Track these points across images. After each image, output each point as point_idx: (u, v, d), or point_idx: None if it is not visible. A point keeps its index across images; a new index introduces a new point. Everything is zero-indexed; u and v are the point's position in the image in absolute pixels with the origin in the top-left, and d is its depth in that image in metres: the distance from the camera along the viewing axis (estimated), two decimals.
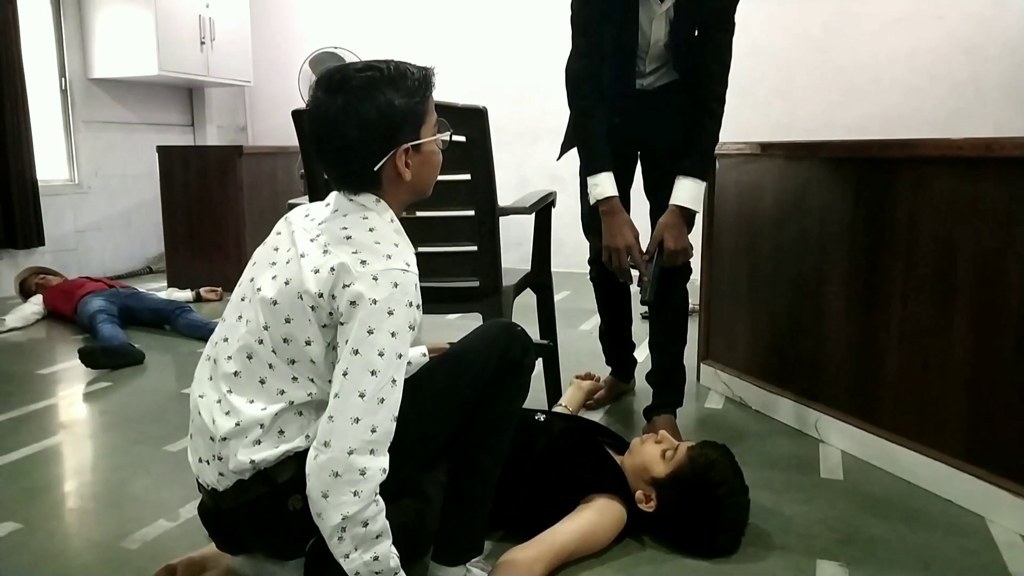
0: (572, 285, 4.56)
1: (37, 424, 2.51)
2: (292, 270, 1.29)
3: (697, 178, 2.07)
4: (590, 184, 2.14)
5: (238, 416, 1.28)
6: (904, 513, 1.87)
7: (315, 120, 1.32)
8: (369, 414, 1.20)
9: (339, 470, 1.19)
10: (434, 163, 1.40)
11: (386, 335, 1.22)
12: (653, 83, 2.24)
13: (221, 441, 1.28)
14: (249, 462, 1.26)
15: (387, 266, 1.24)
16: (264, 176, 4.88)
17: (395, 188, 1.36)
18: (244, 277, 1.41)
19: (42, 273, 4.22)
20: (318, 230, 1.32)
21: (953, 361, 1.92)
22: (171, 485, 2.02)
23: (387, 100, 1.28)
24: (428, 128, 1.36)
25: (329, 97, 1.29)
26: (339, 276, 1.23)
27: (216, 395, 1.32)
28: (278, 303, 1.28)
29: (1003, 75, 4.39)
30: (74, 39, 4.98)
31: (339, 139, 1.30)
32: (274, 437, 1.27)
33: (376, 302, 1.21)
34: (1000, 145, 1.74)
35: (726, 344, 2.78)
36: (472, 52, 5.62)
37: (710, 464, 1.70)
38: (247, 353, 1.30)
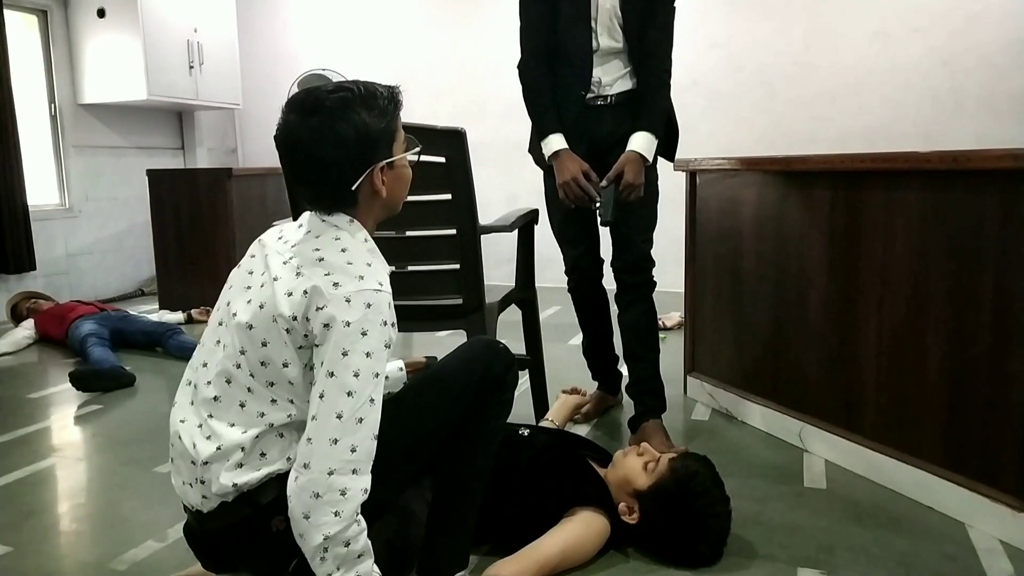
0: (561, 300, 4.57)
1: (28, 448, 2.52)
2: (266, 293, 1.30)
3: (650, 133, 2.26)
4: (543, 147, 2.33)
5: (219, 440, 1.29)
6: (886, 521, 1.90)
7: (289, 142, 1.33)
8: (348, 434, 1.21)
9: (320, 491, 1.20)
10: (405, 179, 1.43)
11: (361, 356, 1.23)
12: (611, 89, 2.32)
13: (203, 465, 1.29)
14: (232, 485, 1.28)
15: (360, 287, 1.25)
16: (254, 197, 4.91)
17: (370, 205, 1.38)
18: (221, 301, 1.43)
19: (33, 298, 4.24)
20: (291, 252, 1.33)
21: (929, 370, 1.96)
22: (160, 506, 2.04)
23: (361, 120, 1.30)
24: (399, 145, 1.38)
25: (303, 119, 1.30)
26: (312, 299, 1.25)
27: (197, 420, 1.34)
28: (254, 327, 1.29)
29: (981, 87, 4.46)
30: (63, 65, 5.02)
31: (315, 160, 1.30)
32: (256, 459, 1.29)
33: (349, 324, 1.23)
34: (967, 158, 1.78)
35: (711, 356, 2.81)
36: (459, 71, 5.68)
37: (691, 475, 1.72)
38: (226, 378, 1.31)
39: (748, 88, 4.99)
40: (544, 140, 2.34)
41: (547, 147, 2.33)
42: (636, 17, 2.27)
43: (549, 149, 2.32)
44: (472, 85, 5.63)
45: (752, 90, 4.98)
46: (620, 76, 2.33)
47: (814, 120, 4.84)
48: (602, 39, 2.30)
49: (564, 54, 2.34)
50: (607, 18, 2.28)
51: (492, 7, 5.44)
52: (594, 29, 2.29)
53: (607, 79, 2.33)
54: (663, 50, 2.29)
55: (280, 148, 1.36)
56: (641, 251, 2.37)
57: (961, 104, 4.51)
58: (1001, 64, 4.40)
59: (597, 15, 2.28)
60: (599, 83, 2.33)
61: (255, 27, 6.12)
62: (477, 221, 2.01)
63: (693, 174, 2.80)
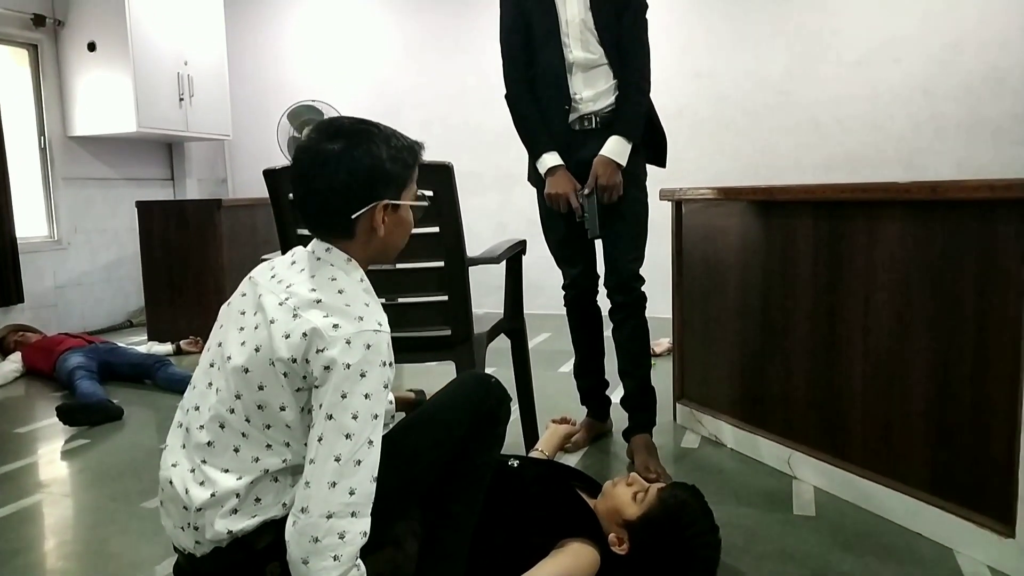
0: (552, 327, 4.61)
1: (15, 484, 2.50)
2: (262, 336, 1.29)
3: (624, 138, 2.34)
4: (538, 167, 2.42)
5: (213, 487, 1.28)
6: (875, 548, 1.91)
7: (306, 158, 1.34)
8: (346, 477, 1.20)
9: (318, 535, 1.18)
10: (406, 227, 1.44)
11: (359, 398, 1.22)
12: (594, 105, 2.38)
13: (196, 511, 1.28)
14: (227, 532, 1.27)
15: (359, 328, 1.25)
16: (244, 228, 4.92)
17: (365, 242, 1.38)
18: (212, 341, 1.42)
19: (21, 330, 4.22)
20: (286, 293, 1.31)
21: (913, 396, 1.98)
22: (148, 543, 2.03)
23: (378, 154, 1.33)
24: (409, 194, 1.41)
25: (326, 140, 1.33)
26: (312, 341, 1.24)
27: (189, 464, 1.33)
28: (250, 371, 1.28)
29: (961, 114, 4.54)
30: (53, 98, 5.04)
31: (326, 181, 1.32)
32: (251, 506, 1.28)
33: (349, 366, 1.22)
34: (945, 188, 1.82)
35: (700, 383, 2.83)
36: (447, 100, 5.74)
37: (680, 505, 1.73)
38: (219, 423, 1.30)
39: (732, 117, 5.06)
40: (538, 160, 2.42)
41: (542, 166, 2.41)
42: (609, 29, 2.35)
43: (544, 167, 2.40)
44: (461, 114, 5.69)
45: (736, 119, 5.05)
46: (603, 90, 2.39)
47: (797, 148, 4.91)
48: (576, 52, 2.37)
49: (541, 72, 2.42)
50: (578, 31, 2.36)
51: (480, 37, 5.51)
52: (565, 44, 2.37)
53: (589, 93, 2.39)
54: (637, 58, 2.37)
55: (294, 165, 1.37)
56: (628, 270, 2.43)
57: (941, 131, 4.59)
58: (979, 91, 4.49)
59: (568, 29, 2.36)
60: (581, 98, 2.39)
61: (245, 59, 6.17)
62: (465, 254, 2.03)
63: (679, 203, 2.84)
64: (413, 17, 5.81)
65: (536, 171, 2.46)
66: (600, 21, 2.34)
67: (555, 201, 2.38)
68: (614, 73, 2.38)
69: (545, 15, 2.38)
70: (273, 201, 2.11)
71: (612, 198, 2.35)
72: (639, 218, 2.45)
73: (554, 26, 2.37)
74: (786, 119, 4.94)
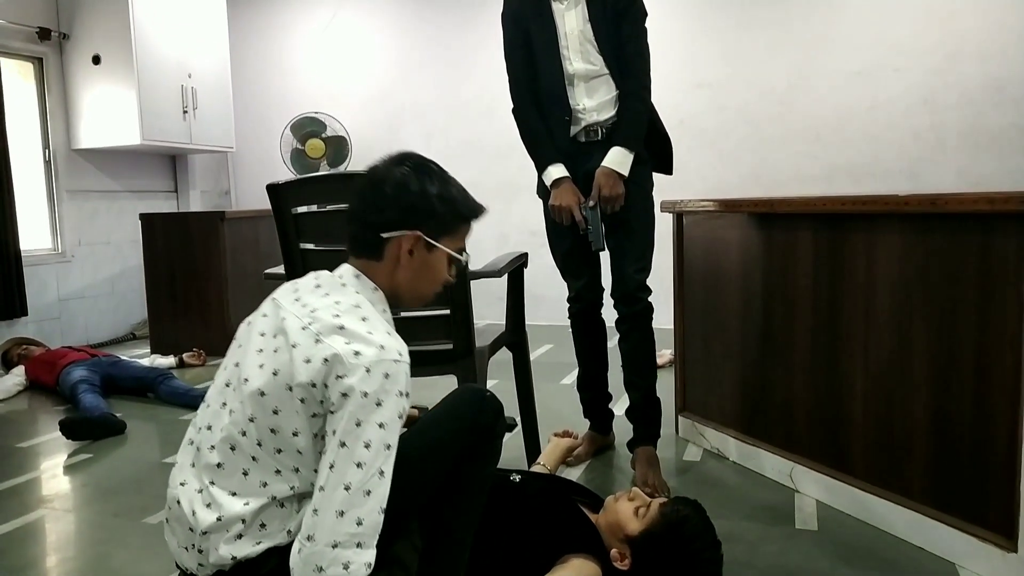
0: (553, 339, 4.61)
1: (17, 500, 2.50)
2: (281, 360, 1.29)
3: (626, 148, 2.35)
4: (544, 179, 2.43)
5: (220, 510, 1.28)
6: (877, 563, 1.90)
7: (369, 173, 1.44)
8: (355, 507, 1.19)
9: (323, 564, 1.18)
10: (433, 273, 1.46)
11: (374, 427, 1.22)
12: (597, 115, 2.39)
13: (202, 535, 1.28)
14: (231, 558, 1.27)
15: (380, 356, 1.25)
16: (247, 240, 4.94)
17: (391, 271, 1.41)
18: (228, 360, 1.42)
19: (24, 344, 4.23)
20: (310, 318, 1.31)
21: (915, 409, 1.97)
22: (150, 559, 2.03)
23: (431, 189, 1.40)
24: (450, 242, 1.44)
25: (393, 163, 1.42)
26: (332, 367, 1.23)
27: (198, 484, 1.33)
28: (266, 394, 1.28)
29: (962, 124, 4.54)
30: (58, 111, 5.07)
31: (376, 191, 1.40)
32: (255, 532, 1.28)
33: (367, 395, 1.22)
34: (944, 201, 1.82)
35: (702, 396, 2.83)
36: (449, 112, 5.76)
37: (682, 520, 1.72)
38: (230, 444, 1.30)
39: (733, 127, 5.07)
40: (544, 172, 2.43)
41: (547, 178, 2.42)
42: (609, 39, 2.36)
43: (549, 179, 2.41)
44: (462, 126, 5.71)
45: (737, 129, 5.06)
46: (606, 100, 2.40)
47: (799, 158, 4.92)
48: (576, 63, 2.38)
49: (544, 86, 2.43)
50: (578, 43, 2.38)
51: (481, 50, 5.54)
52: (565, 55, 2.39)
53: (591, 104, 2.40)
54: (637, 67, 2.38)
55: (359, 178, 1.46)
56: (635, 281, 2.43)
57: (942, 141, 4.59)
58: (980, 101, 4.50)
59: (567, 42, 2.38)
60: (584, 109, 2.40)
61: (248, 71, 6.20)
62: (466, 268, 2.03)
63: (680, 215, 2.84)
64: (415, 30, 5.84)
65: (543, 184, 2.47)
66: (599, 32, 2.35)
67: (559, 213, 2.39)
68: (616, 83, 2.39)
69: (544, 29, 2.40)
70: (276, 215, 2.12)
71: (615, 208, 2.36)
72: (646, 229, 2.46)
73: (553, 39, 2.39)
74: (787, 129, 4.95)
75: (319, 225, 2.09)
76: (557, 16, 2.39)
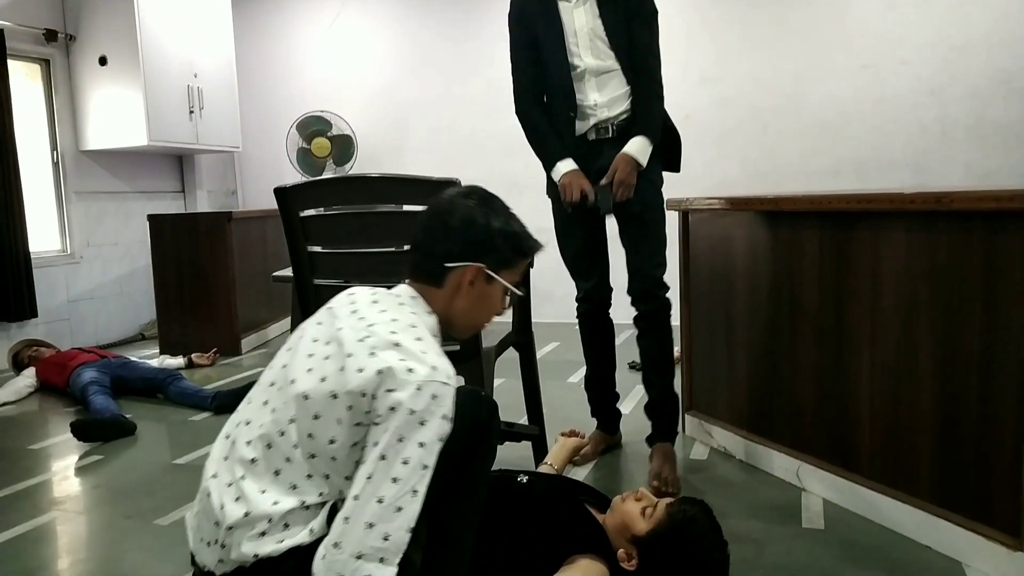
0: (560, 336, 4.61)
1: (30, 502, 2.53)
2: (331, 368, 1.32)
3: (645, 137, 2.36)
4: (553, 175, 2.43)
5: (248, 505, 1.29)
6: (883, 561, 1.90)
7: (437, 203, 1.50)
8: (384, 521, 1.22)
9: (345, 573, 1.20)
10: (489, 306, 1.52)
11: (414, 445, 1.24)
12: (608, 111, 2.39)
13: (227, 530, 1.30)
14: (253, 555, 1.28)
15: (431, 377, 1.28)
16: (254, 240, 4.96)
17: (449, 299, 1.47)
18: (276, 362, 1.45)
19: (34, 346, 4.26)
20: (367, 331, 1.34)
21: (921, 408, 1.97)
22: (162, 560, 2.04)
23: (495, 225, 1.47)
24: (507, 276, 1.51)
25: (461, 196, 1.50)
26: (384, 380, 1.26)
27: (228, 478, 1.35)
28: (310, 398, 1.30)
29: (968, 116, 4.52)
30: (65, 113, 5.10)
31: (443, 222, 1.46)
32: (279, 531, 1.29)
33: (413, 412, 1.25)
34: (949, 199, 1.81)
35: (709, 395, 2.83)
36: (453, 110, 5.76)
37: (689, 520, 1.73)
38: (267, 442, 1.32)
39: (739, 122, 5.05)
40: (553, 169, 2.43)
41: (556, 173, 2.42)
42: (619, 35, 2.36)
43: (559, 173, 2.41)
44: (467, 123, 5.71)
45: (743, 124, 5.05)
46: (617, 96, 2.40)
47: (805, 152, 4.90)
48: (586, 59, 2.38)
49: (550, 82, 2.44)
50: (587, 40, 2.37)
51: (486, 47, 5.53)
52: (574, 52, 2.38)
53: (602, 99, 2.40)
54: (652, 66, 2.39)
55: (426, 209, 1.53)
56: (652, 277, 2.44)
57: (949, 133, 4.57)
58: (987, 94, 4.47)
59: (576, 38, 2.38)
60: (595, 104, 2.39)
61: (254, 71, 6.21)
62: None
63: (685, 213, 2.84)
64: (419, 27, 5.83)
65: (552, 182, 2.47)
66: (610, 28, 2.35)
67: (568, 189, 2.37)
68: (627, 79, 2.39)
69: (550, 27, 2.40)
70: (284, 218, 2.12)
71: (626, 195, 2.35)
72: (659, 224, 2.46)
73: (559, 37, 2.38)
74: (793, 123, 4.94)
75: (326, 228, 2.10)
76: (564, 14, 2.39)
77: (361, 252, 2.11)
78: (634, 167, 2.33)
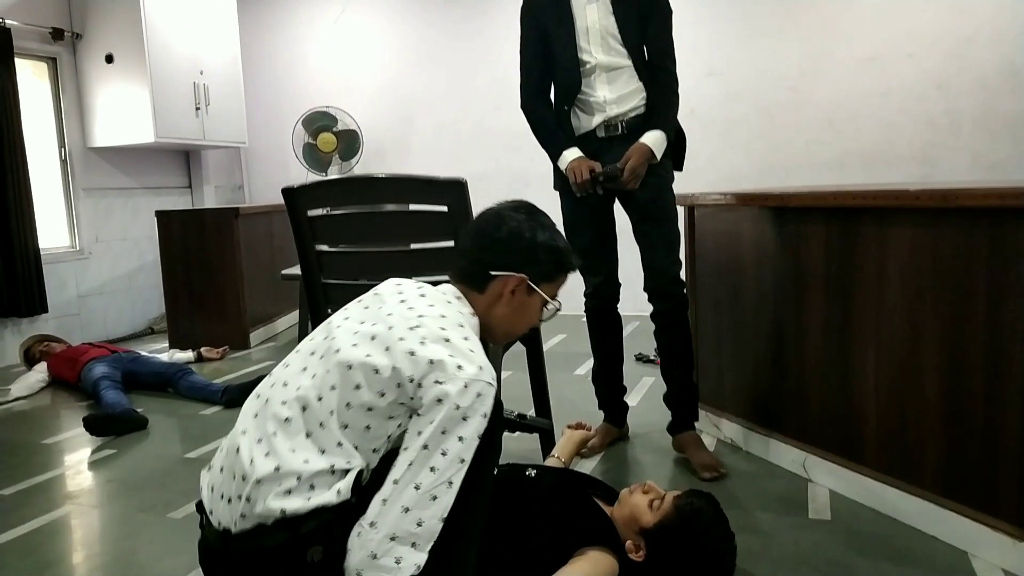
0: (566, 328, 4.63)
1: (44, 496, 2.56)
2: (377, 347, 1.36)
3: (663, 131, 2.37)
4: (560, 165, 2.44)
5: (278, 460, 1.32)
6: (890, 551, 1.92)
7: (487, 213, 1.58)
8: (419, 508, 1.27)
9: (377, 553, 1.26)
10: (528, 315, 1.58)
11: (455, 439, 1.30)
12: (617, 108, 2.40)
13: (255, 483, 1.31)
14: (279, 511, 1.29)
15: (477, 376, 1.33)
16: (261, 234, 4.99)
17: (490, 305, 1.53)
18: (317, 335, 1.49)
19: (46, 341, 4.30)
20: (417, 322, 1.39)
21: (927, 400, 1.99)
22: (176, 554, 2.07)
23: (540, 239, 1.54)
24: (547, 288, 1.58)
25: (510, 209, 1.57)
26: (435, 371, 1.31)
27: (259, 434, 1.37)
28: (353, 368, 1.35)
29: (976, 108, 4.51)
30: (73, 110, 5.13)
31: (491, 233, 1.53)
32: (305, 491, 1.31)
33: (459, 407, 1.30)
34: (955, 196, 1.82)
35: (715, 387, 2.85)
36: (460, 104, 5.77)
37: (696, 512, 1.75)
38: (303, 404, 1.36)
39: (745, 115, 5.05)
40: (560, 159, 2.44)
41: (563, 162, 2.42)
42: (633, 33, 2.36)
43: (565, 162, 2.41)
44: (472, 117, 5.72)
45: (749, 117, 5.05)
46: (628, 92, 2.40)
47: (811, 145, 4.90)
48: (597, 55, 2.39)
49: (558, 78, 2.45)
50: (599, 36, 2.38)
51: (491, 41, 5.55)
52: (584, 48, 2.39)
53: (612, 95, 2.40)
54: (668, 65, 2.41)
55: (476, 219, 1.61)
56: (669, 274, 2.46)
57: (956, 126, 4.57)
58: (994, 85, 4.46)
59: (587, 35, 2.38)
60: (604, 100, 2.40)
61: (259, 67, 6.23)
62: None
63: (691, 208, 2.85)
64: (424, 22, 5.84)
65: (560, 176, 2.48)
66: (624, 26, 2.36)
67: (577, 170, 2.36)
68: (639, 76, 2.40)
69: (561, 23, 2.40)
70: (292, 218, 2.15)
71: (634, 185, 2.36)
72: (673, 221, 2.48)
73: (571, 33, 2.39)
74: (799, 116, 4.93)
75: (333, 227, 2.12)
76: (576, 9, 2.39)
77: (368, 251, 2.13)
78: (648, 158, 2.35)
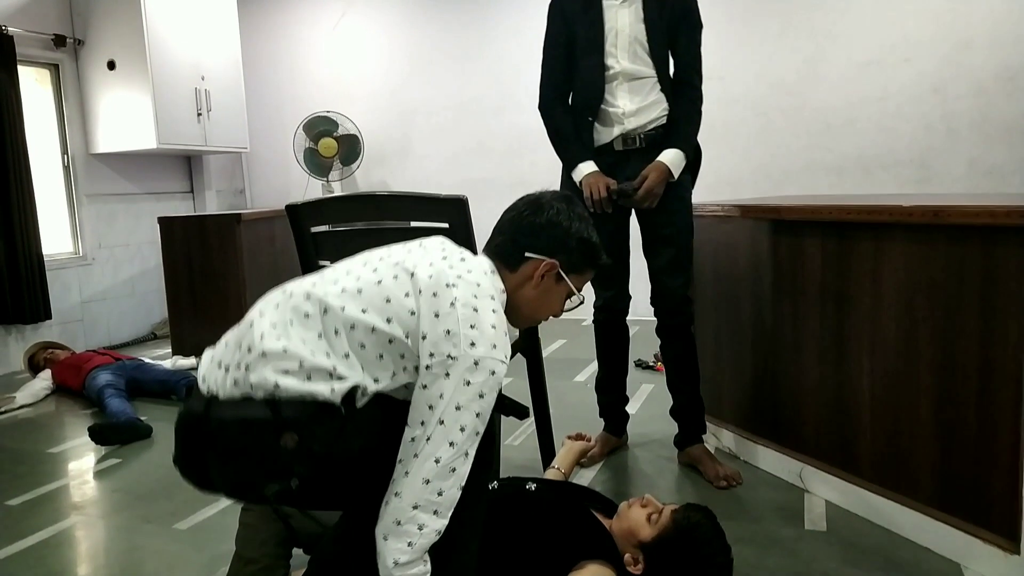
0: (568, 334, 4.66)
1: (50, 506, 2.60)
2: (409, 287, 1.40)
3: (681, 151, 2.37)
4: (574, 177, 2.41)
5: (288, 343, 1.36)
6: (884, 563, 1.95)
7: (528, 200, 1.60)
8: (440, 479, 1.35)
9: (401, 520, 1.34)
10: (552, 301, 1.60)
11: (471, 414, 1.36)
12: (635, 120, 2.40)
13: (259, 356, 1.35)
14: (273, 384, 1.33)
15: (490, 354, 1.37)
16: (263, 240, 5.02)
17: (519, 285, 1.55)
18: (349, 263, 1.51)
19: (50, 348, 4.33)
20: (456, 280, 1.41)
21: (920, 413, 2.02)
22: (182, 565, 2.10)
23: (575, 229, 1.56)
24: (575, 280, 1.60)
25: (551, 198, 1.59)
26: (449, 342, 1.35)
27: (276, 318, 1.40)
28: (382, 283, 1.40)
29: (972, 113, 4.53)
30: (75, 116, 5.16)
31: (531, 215, 1.55)
32: (303, 377, 1.34)
33: (470, 383, 1.35)
34: (947, 213, 1.85)
35: (713, 396, 2.87)
36: (460, 110, 5.79)
37: (693, 526, 1.78)
38: (323, 307, 1.39)
39: (744, 119, 5.08)
40: (574, 171, 2.42)
41: (578, 175, 2.41)
42: (661, 42, 2.35)
43: (580, 175, 2.40)
44: (473, 122, 5.74)
45: (748, 121, 5.07)
46: (648, 104, 2.38)
47: (810, 150, 4.93)
48: (623, 63, 2.36)
49: (579, 82, 2.42)
50: (627, 42, 2.35)
51: (492, 46, 5.57)
52: (610, 53, 2.36)
53: (631, 106, 2.38)
54: (695, 79, 2.41)
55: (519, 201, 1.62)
56: (678, 296, 2.49)
57: (954, 130, 4.59)
58: (991, 90, 4.48)
59: (616, 40, 2.36)
60: (624, 112, 2.38)
61: (260, 73, 6.26)
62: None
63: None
64: (425, 27, 5.86)
65: (570, 183, 2.45)
66: (653, 34, 2.34)
67: (593, 186, 2.35)
68: (661, 88, 2.38)
69: (591, 26, 2.36)
70: (295, 233, 2.17)
71: (651, 205, 2.36)
72: (687, 241, 2.48)
73: (598, 36, 2.35)
74: (797, 121, 4.96)
75: (336, 243, 2.15)
76: (608, 12, 2.36)
77: None
78: (666, 177, 2.33)
